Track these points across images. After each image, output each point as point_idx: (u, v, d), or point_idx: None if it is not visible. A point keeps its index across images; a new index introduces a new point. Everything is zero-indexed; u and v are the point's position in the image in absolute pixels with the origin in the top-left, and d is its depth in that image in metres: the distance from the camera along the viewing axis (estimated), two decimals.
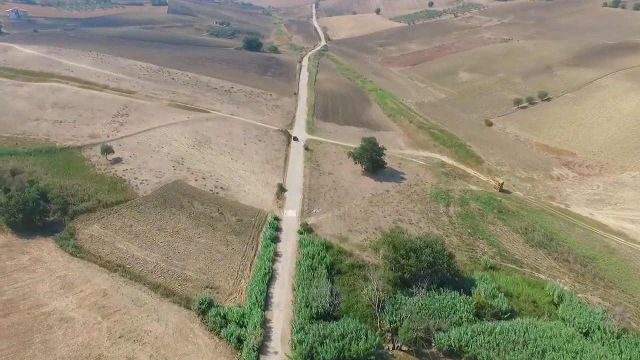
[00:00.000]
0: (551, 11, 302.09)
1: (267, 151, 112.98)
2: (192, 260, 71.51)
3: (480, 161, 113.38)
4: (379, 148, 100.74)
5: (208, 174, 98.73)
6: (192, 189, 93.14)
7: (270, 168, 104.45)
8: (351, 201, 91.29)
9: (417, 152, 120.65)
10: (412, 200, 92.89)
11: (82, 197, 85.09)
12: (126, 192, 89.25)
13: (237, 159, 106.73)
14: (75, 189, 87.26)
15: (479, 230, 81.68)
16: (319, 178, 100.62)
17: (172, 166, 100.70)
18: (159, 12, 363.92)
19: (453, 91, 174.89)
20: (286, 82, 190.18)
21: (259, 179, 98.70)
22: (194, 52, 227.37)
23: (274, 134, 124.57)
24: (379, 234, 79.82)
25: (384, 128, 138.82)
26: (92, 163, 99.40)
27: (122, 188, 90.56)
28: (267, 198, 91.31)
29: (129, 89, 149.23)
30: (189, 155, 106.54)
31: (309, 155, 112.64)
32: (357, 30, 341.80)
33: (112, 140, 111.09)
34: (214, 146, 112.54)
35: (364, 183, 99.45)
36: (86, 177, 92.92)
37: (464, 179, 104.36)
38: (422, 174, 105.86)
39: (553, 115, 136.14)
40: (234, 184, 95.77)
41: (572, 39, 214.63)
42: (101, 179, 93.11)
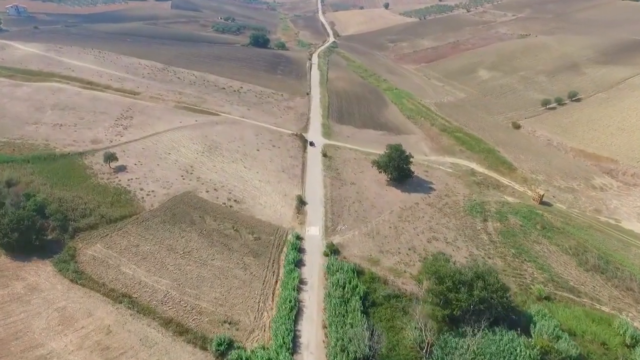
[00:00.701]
0: (569, 5, 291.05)
1: (282, 158, 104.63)
2: (207, 287, 63.55)
3: (512, 169, 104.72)
4: (406, 156, 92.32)
5: (220, 185, 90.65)
6: (203, 201, 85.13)
7: (287, 177, 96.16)
8: (378, 216, 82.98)
9: (443, 158, 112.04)
10: (445, 215, 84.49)
11: (84, 212, 77.36)
12: (131, 206, 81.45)
13: (251, 167, 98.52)
14: (76, 202, 79.53)
15: (524, 251, 73.27)
16: (340, 189, 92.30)
17: (180, 175, 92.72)
18: (163, 7, 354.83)
19: (473, 90, 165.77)
20: (297, 80, 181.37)
21: (276, 190, 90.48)
22: (200, 49, 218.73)
23: (288, 139, 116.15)
24: (413, 255, 71.59)
25: (404, 131, 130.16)
26: (94, 172, 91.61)
27: (126, 201, 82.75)
28: (286, 212, 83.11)
29: (133, 90, 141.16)
30: (199, 163, 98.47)
31: (328, 162, 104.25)
32: (366, 25, 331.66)
33: (115, 145, 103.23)
34: (225, 153, 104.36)
35: (391, 194, 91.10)
36: (88, 187, 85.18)
37: (498, 189, 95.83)
38: (452, 184, 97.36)
39: (586, 117, 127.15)
40: (249, 196, 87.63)
41: (596, 34, 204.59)
42: (104, 189, 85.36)
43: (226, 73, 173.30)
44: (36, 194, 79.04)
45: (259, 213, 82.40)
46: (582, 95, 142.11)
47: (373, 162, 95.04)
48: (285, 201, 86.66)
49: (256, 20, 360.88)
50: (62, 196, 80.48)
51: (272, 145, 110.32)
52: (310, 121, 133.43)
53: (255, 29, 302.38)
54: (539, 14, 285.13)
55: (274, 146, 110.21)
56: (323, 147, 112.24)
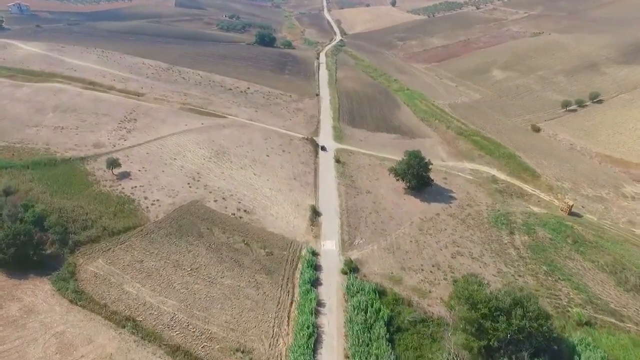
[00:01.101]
0: (582, 2, 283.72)
1: (293, 164, 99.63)
2: (217, 309, 58.76)
3: (536, 175, 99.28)
4: (425, 163, 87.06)
5: (228, 193, 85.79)
6: (211, 212, 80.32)
7: (299, 185, 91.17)
8: (398, 228, 77.90)
9: (462, 163, 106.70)
10: (469, 227, 79.28)
11: (85, 224, 72.80)
12: (135, 217, 76.80)
13: (261, 174, 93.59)
14: (77, 213, 75.00)
15: (556, 268, 68.00)
16: (356, 198, 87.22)
17: (186, 183, 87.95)
18: (167, 5, 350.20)
19: (488, 91, 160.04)
20: (305, 81, 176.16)
21: (288, 199, 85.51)
22: (205, 48, 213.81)
23: (299, 143, 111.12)
24: (438, 273, 66.52)
25: (419, 135, 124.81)
26: (96, 178, 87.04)
27: (130, 211, 78.10)
28: (299, 224, 78.13)
29: (137, 91, 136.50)
30: (206, 170, 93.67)
31: (341, 168, 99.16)
32: (373, 23, 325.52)
33: (118, 150, 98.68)
34: (233, 158, 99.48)
35: (409, 204, 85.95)
36: (90, 196, 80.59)
37: (523, 198, 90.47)
38: (473, 192, 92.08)
39: (610, 120, 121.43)
40: (259, 206, 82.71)
41: (613, 32, 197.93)
42: (106, 198, 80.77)
43: (232, 73, 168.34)
44: (35, 204, 74.39)
45: (271, 225, 77.49)
46: (604, 96, 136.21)
47: (390, 170, 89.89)
48: (298, 212, 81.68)
49: (261, 18, 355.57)
50: (62, 206, 75.97)
51: (282, 150, 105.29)
52: (320, 124, 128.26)
53: (260, 27, 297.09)
54: (552, 11, 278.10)
55: (284, 151, 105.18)
56: (335, 152, 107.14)
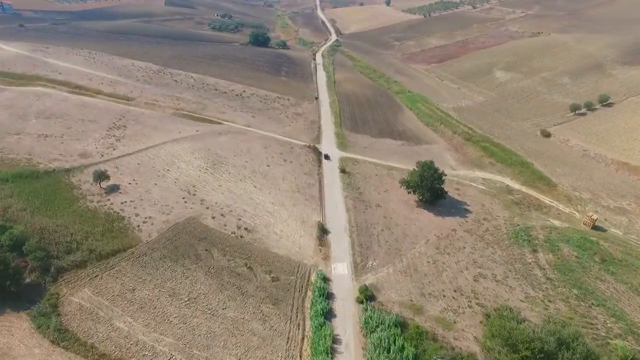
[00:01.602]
0: (580, 2, 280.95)
1: (295, 175, 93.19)
2: (219, 348, 52.23)
3: (552, 185, 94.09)
4: (440, 174, 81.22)
5: (227, 209, 79.12)
6: (208, 230, 73.63)
7: (304, 199, 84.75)
8: (413, 247, 71.94)
9: (473, 172, 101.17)
10: (488, 244, 73.61)
11: (69, 246, 65.82)
12: (126, 237, 69.94)
13: (262, 187, 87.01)
14: (61, 234, 67.96)
15: (588, 291, 62.59)
16: (365, 212, 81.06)
17: (181, 197, 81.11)
18: (157, 4, 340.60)
19: (492, 93, 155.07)
20: (303, 83, 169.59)
21: (292, 215, 79.06)
22: (197, 48, 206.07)
23: (300, 152, 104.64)
24: (461, 299, 60.67)
25: (425, 140, 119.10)
26: (82, 193, 79.90)
27: (120, 230, 71.19)
28: (306, 244, 71.77)
29: (126, 95, 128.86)
30: (202, 182, 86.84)
31: (347, 179, 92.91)
32: (369, 23, 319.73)
33: (107, 160, 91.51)
34: (232, 169, 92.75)
35: (423, 219, 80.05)
36: (75, 213, 73.48)
37: (541, 211, 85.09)
38: (489, 204, 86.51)
39: (622, 124, 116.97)
40: (262, 223, 76.17)
41: (614, 32, 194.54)
42: (94, 216, 73.77)
43: (226, 75, 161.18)
44: (13, 224, 67.17)
45: (275, 245, 71.02)
46: (613, 99, 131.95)
47: (402, 182, 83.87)
48: (304, 229, 75.28)
49: (253, 18, 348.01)
50: (44, 226, 68.83)
51: (283, 160, 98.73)
52: (322, 130, 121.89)
53: (253, 26, 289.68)
54: (549, 10, 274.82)
55: (286, 160, 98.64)
56: (340, 161, 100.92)
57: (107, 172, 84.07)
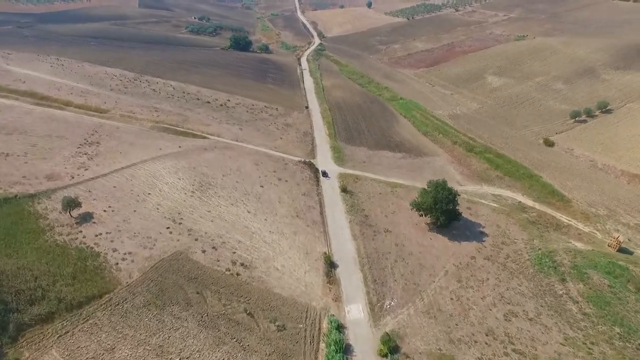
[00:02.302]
0: (560, 5, 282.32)
1: (293, 197, 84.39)
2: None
3: (566, 200, 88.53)
4: (454, 195, 74.05)
5: (219, 240, 69.75)
6: (199, 267, 64.18)
7: (304, 225, 76.04)
8: (432, 280, 64.35)
9: (481, 187, 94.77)
10: (512, 273, 66.78)
11: (33, 295, 55.52)
12: (102, 278, 60.01)
13: (256, 212, 77.86)
14: (23, 279, 57.57)
15: (632, 330, 56.36)
16: (374, 240, 73.05)
17: (165, 227, 71.31)
18: (130, 6, 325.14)
19: (487, 100, 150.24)
20: (290, 90, 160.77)
21: (293, 246, 70.29)
22: (175, 53, 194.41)
23: (295, 168, 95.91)
24: (495, 344, 53.36)
25: (425, 152, 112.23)
26: (49, 223, 69.30)
27: (95, 270, 61.17)
28: (312, 281, 63.15)
29: (99, 106, 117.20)
30: (188, 208, 77.08)
31: (350, 200, 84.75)
32: (351, 25, 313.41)
33: (78, 183, 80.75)
34: (221, 191, 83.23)
35: (438, 245, 72.66)
36: (40, 250, 63.05)
37: (560, 231, 79.12)
38: (504, 225, 79.94)
39: (625, 132, 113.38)
40: (260, 257, 67.13)
41: (602, 36, 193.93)
42: (63, 252, 63.54)
43: (209, 82, 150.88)
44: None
45: (277, 284, 62.14)
46: (612, 105, 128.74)
47: (413, 204, 76.24)
48: (309, 263, 66.66)
49: (232, 20, 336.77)
50: (1, 269, 58.15)
51: (277, 179, 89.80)
52: (315, 142, 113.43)
53: (233, 29, 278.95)
54: (531, 13, 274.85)
55: (280, 180, 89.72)
56: (339, 178, 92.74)
57: (79, 198, 73.71)
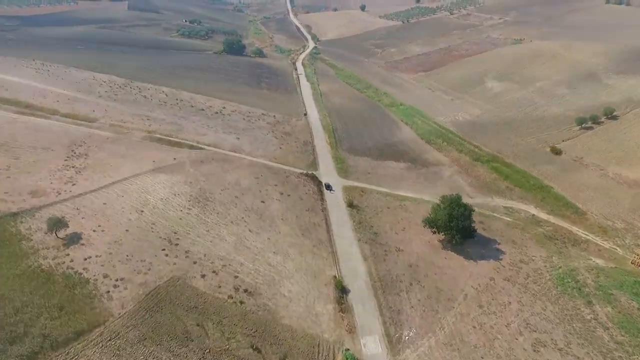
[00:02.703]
0: (555, 9, 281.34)
1: (297, 213, 79.37)
2: None
3: (580, 213, 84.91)
4: (470, 211, 69.79)
5: (220, 263, 64.55)
6: (199, 295, 58.94)
7: (311, 245, 71.08)
8: (451, 306, 59.84)
9: (491, 199, 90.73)
10: (535, 296, 62.57)
11: (14, 331, 50.41)
12: (92, 310, 54.73)
13: (259, 231, 72.71)
14: (3, 313, 52.17)
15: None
16: (386, 260, 68.35)
17: (161, 249, 65.94)
18: (119, 8, 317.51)
19: (488, 106, 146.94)
20: (287, 96, 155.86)
21: (300, 268, 65.31)
22: (167, 58, 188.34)
23: (297, 181, 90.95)
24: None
25: (431, 162, 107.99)
26: (33, 246, 63.82)
27: (84, 299, 55.83)
28: (322, 309, 58.21)
29: (87, 115, 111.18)
30: (185, 227, 71.70)
31: (357, 215, 79.98)
32: (346, 29, 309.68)
33: (64, 200, 75.00)
34: (220, 208, 77.91)
35: (453, 265, 68.22)
36: (23, 277, 57.73)
37: (579, 247, 75.28)
38: (520, 241, 75.87)
39: (634, 139, 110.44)
40: (264, 282, 62.03)
41: (599, 39, 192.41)
42: (48, 279, 58.22)
43: (202, 89, 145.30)
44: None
45: (285, 312, 57.09)
46: (617, 111, 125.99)
47: (425, 222, 71.69)
48: (318, 287, 61.72)
49: (224, 23, 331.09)
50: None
51: (279, 193, 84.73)
52: (317, 152, 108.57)
53: (225, 33, 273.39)
54: (526, 17, 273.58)
55: (282, 194, 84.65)
56: (344, 191, 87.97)
57: (65, 217, 68.30)
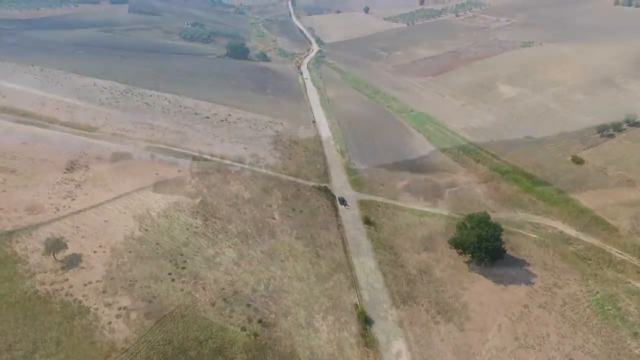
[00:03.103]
0: (563, 10, 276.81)
1: (311, 231, 74.23)
2: None
3: (612, 229, 79.74)
4: (500, 231, 64.74)
5: (231, 289, 59.51)
6: (209, 326, 53.96)
7: (327, 268, 65.96)
8: (484, 338, 54.67)
9: (516, 214, 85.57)
10: (574, 326, 57.42)
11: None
12: (92, 344, 50.34)
13: (271, 252, 67.59)
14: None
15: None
16: (409, 286, 63.15)
17: (167, 272, 61.03)
18: (119, 11, 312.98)
19: (502, 111, 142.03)
20: (294, 102, 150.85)
21: (315, 294, 60.20)
22: (169, 62, 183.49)
23: (309, 195, 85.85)
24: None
25: (448, 173, 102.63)
26: (29, 269, 59.31)
27: (83, 332, 51.39)
28: (345, 342, 53.08)
29: (88, 123, 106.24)
30: (193, 248, 66.70)
31: (375, 234, 74.83)
32: (350, 31, 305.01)
33: (64, 217, 70.19)
34: (229, 225, 72.85)
35: (482, 290, 63.06)
36: (18, 307, 53.22)
37: (615, 268, 70.09)
38: (551, 262, 70.69)
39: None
40: (280, 311, 56.93)
41: (613, 42, 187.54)
42: (45, 309, 53.79)
43: (206, 94, 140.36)
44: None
45: (305, 346, 52.00)
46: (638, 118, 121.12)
47: (451, 243, 66.65)
48: (338, 317, 56.61)
49: (226, 26, 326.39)
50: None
51: (291, 209, 79.63)
52: (327, 162, 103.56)
53: (228, 36, 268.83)
54: (534, 19, 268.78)
55: (294, 209, 79.56)
56: (359, 206, 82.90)
57: (65, 236, 63.89)
